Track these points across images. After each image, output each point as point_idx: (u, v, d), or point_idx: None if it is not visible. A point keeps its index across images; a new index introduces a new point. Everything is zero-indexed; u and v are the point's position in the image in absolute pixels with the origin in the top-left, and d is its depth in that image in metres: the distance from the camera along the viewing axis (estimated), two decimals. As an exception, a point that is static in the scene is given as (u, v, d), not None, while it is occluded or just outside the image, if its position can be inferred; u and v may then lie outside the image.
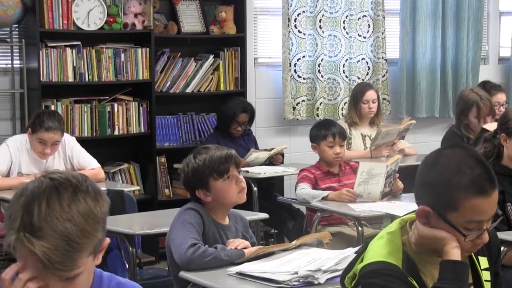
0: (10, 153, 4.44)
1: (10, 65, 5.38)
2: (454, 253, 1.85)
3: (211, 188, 2.95)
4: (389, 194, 4.21)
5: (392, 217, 3.86)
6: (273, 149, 5.63)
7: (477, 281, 1.97)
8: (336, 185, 4.39)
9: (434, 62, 6.91)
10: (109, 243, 1.60)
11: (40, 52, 5.15)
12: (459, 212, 1.84)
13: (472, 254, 1.97)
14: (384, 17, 6.65)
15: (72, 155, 4.57)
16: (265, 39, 6.49)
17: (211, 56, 5.93)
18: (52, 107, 5.19)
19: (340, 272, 2.24)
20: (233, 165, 2.97)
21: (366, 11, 6.60)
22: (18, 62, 5.37)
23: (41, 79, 5.17)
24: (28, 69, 5.27)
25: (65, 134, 4.60)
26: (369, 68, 6.67)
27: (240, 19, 5.99)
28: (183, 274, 2.78)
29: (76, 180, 1.54)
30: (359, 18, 6.58)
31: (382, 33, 6.64)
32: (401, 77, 6.85)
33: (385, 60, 6.69)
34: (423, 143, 6.53)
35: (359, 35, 6.60)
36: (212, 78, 5.95)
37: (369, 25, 6.62)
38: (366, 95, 5.69)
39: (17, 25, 5.30)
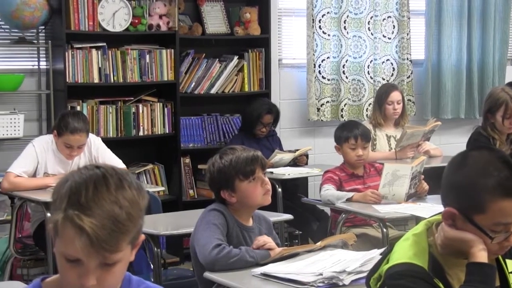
0: (36, 154, 4.47)
1: (36, 67, 5.43)
2: (481, 255, 1.84)
3: (237, 189, 2.95)
4: (414, 196, 4.19)
5: (417, 219, 3.85)
6: (297, 150, 5.62)
7: (504, 284, 1.95)
8: (361, 187, 4.37)
9: (460, 63, 6.86)
10: None
11: (66, 53, 5.19)
12: (486, 214, 1.82)
13: (499, 256, 1.95)
14: (409, 18, 6.61)
15: (97, 155, 4.59)
16: (289, 40, 6.49)
17: (236, 57, 5.93)
18: (78, 108, 5.23)
19: (365, 274, 2.23)
20: (259, 167, 2.96)
21: (391, 12, 6.58)
22: (44, 63, 5.42)
23: (67, 80, 5.21)
24: (54, 70, 5.31)
25: (91, 135, 4.62)
26: (394, 69, 6.65)
27: (264, 20, 5.99)
28: (208, 274, 2.78)
29: (120, 172, 1.59)
30: (384, 19, 6.56)
31: (407, 34, 6.61)
32: (426, 78, 6.81)
33: (410, 61, 6.66)
34: (449, 144, 6.49)
35: (384, 36, 6.58)
36: (236, 79, 5.96)
37: (394, 26, 6.60)
38: (390, 96, 5.66)
39: (43, 27, 5.35)
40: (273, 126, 5.76)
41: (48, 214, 4.18)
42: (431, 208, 3.83)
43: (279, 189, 5.07)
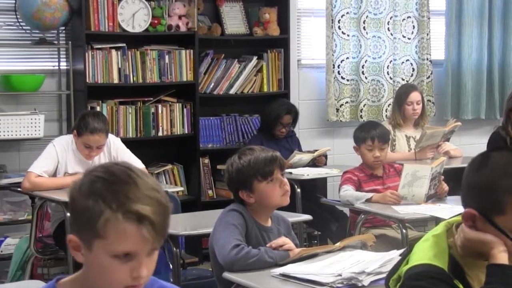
0: (57, 153, 4.49)
1: (57, 67, 5.46)
2: (502, 257, 1.82)
3: (255, 190, 2.94)
4: (434, 197, 4.17)
5: (437, 220, 3.83)
6: (316, 150, 5.62)
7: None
8: (380, 188, 4.35)
9: (480, 63, 6.82)
10: None
11: (86, 54, 5.22)
12: (507, 215, 1.81)
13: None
14: (429, 18, 6.59)
15: (117, 155, 4.61)
16: (308, 40, 6.48)
17: (255, 58, 5.94)
18: (98, 108, 5.25)
19: (384, 275, 2.22)
20: (278, 168, 2.95)
21: (410, 12, 6.55)
22: (64, 64, 5.45)
23: (87, 81, 5.24)
24: (74, 71, 5.34)
25: (110, 135, 4.64)
26: (413, 69, 6.62)
27: (283, 21, 5.99)
28: (227, 275, 2.79)
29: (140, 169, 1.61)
30: (404, 19, 6.54)
31: (427, 34, 6.58)
32: (446, 79, 6.78)
33: (430, 61, 6.63)
34: (469, 145, 6.45)
35: (404, 36, 6.56)
36: (255, 80, 5.96)
37: (413, 26, 6.57)
38: (410, 97, 5.64)
39: (64, 28, 5.38)
40: (292, 126, 5.75)
41: (68, 214, 4.20)
42: (451, 209, 3.82)
43: (298, 190, 5.06)
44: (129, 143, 4.87)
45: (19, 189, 4.59)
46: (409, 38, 6.58)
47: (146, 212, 1.50)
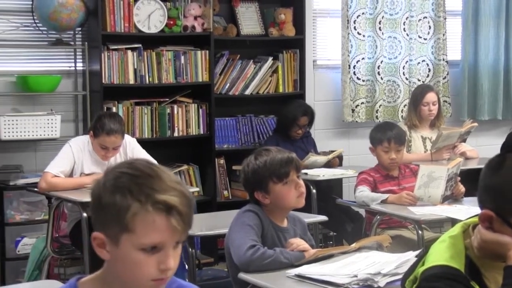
0: (73, 154, 4.51)
1: (73, 68, 5.49)
2: (519, 258, 1.81)
3: (270, 191, 2.94)
4: (450, 198, 4.15)
5: (453, 221, 3.80)
6: (332, 151, 5.61)
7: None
8: (396, 189, 4.34)
9: (497, 63, 6.79)
10: None
11: (102, 54, 5.24)
12: (524, 216, 1.80)
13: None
14: (445, 18, 6.56)
15: (133, 156, 4.62)
16: (324, 41, 6.47)
17: (270, 58, 5.94)
18: (114, 109, 5.27)
19: (400, 276, 2.22)
20: (294, 169, 2.94)
21: (427, 12, 6.53)
22: (81, 64, 5.47)
23: (103, 81, 5.26)
24: (90, 72, 5.36)
25: (126, 135, 4.65)
26: (429, 70, 6.60)
27: (299, 21, 5.99)
28: (242, 275, 2.79)
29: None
30: (420, 19, 6.51)
31: (443, 35, 6.56)
32: (463, 79, 6.75)
33: (446, 62, 6.60)
34: (485, 146, 6.42)
35: (420, 37, 6.54)
36: (271, 80, 5.97)
37: (429, 26, 6.55)
38: (426, 97, 5.61)
39: (80, 28, 5.40)
40: (308, 127, 5.75)
41: (84, 214, 4.22)
42: (467, 210, 3.80)
43: (314, 190, 5.06)
44: (145, 144, 4.88)
45: (35, 189, 4.61)
46: (425, 39, 6.55)
47: (174, 202, 1.53)
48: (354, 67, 6.31)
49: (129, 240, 1.53)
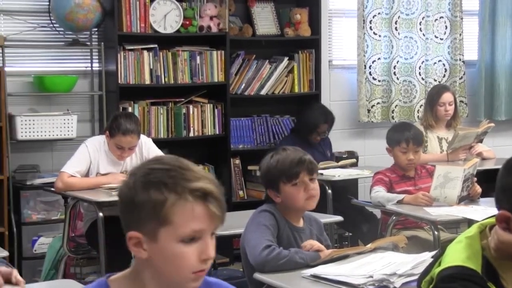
0: (89, 154, 4.52)
1: (89, 68, 5.51)
2: (536, 259, 1.80)
3: (281, 190, 2.93)
4: (467, 199, 4.13)
5: (469, 222, 3.79)
6: (347, 152, 5.60)
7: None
8: (412, 189, 4.32)
9: (514, 63, 6.75)
10: None
11: (118, 55, 5.26)
12: (541, 217, 1.79)
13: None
14: (462, 18, 6.53)
15: (148, 156, 4.62)
16: (340, 41, 6.46)
17: (286, 58, 5.93)
18: (130, 109, 5.29)
19: (416, 277, 2.21)
20: (305, 171, 2.91)
21: (443, 12, 6.50)
22: (97, 65, 5.49)
23: (119, 82, 5.28)
24: (106, 72, 5.38)
25: (142, 135, 4.66)
26: (446, 70, 6.57)
27: (315, 21, 5.98)
28: (258, 275, 2.79)
29: None
30: (436, 19, 6.49)
31: (460, 35, 6.53)
32: (479, 79, 6.72)
33: (463, 62, 6.57)
34: (502, 146, 6.39)
35: (436, 37, 6.51)
36: (286, 80, 5.96)
37: (446, 26, 6.52)
38: (442, 98, 5.59)
39: (96, 29, 5.42)
40: (327, 133, 5.72)
41: (100, 214, 4.23)
42: (484, 211, 3.77)
43: (329, 191, 5.04)
44: (161, 144, 4.89)
45: (52, 189, 4.63)
46: (441, 39, 6.53)
47: (210, 188, 1.54)
48: (370, 67, 6.30)
49: (168, 233, 1.53)
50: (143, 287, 1.59)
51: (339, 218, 4.01)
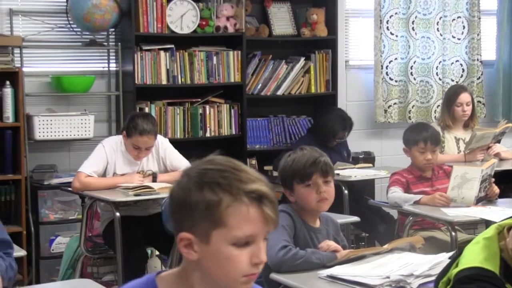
0: (106, 154, 4.54)
1: (106, 68, 5.53)
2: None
3: (294, 190, 2.93)
4: (484, 199, 4.11)
5: (487, 223, 3.77)
6: (364, 152, 5.58)
7: None
8: (429, 190, 4.30)
9: (533, 63, 6.71)
10: None
11: (135, 55, 5.27)
12: (560, 218, 1.78)
13: None
14: (479, 18, 6.50)
15: (165, 156, 4.64)
16: (356, 41, 6.45)
17: (302, 59, 5.93)
18: (146, 109, 5.30)
19: (433, 278, 2.20)
20: (318, 173, 2.89)
21: (461, 12, 6.48)
22: (114, 65, 5.52)
23: (136, 82, 5.29)
24: (123, 72, 5.40)
25: (158, 136, 4.67)
26: (463, 70, 6.54)
27: (331, 22, 5.97)
28: (274, 276, 2.78)
29: None
30: (454, 19, 6.46)
31: (478, 35, 6.49)
32: (498, 79, 6.68)
33: (481, 62, 6.54)
34: (520, 147, 6.34)
35: (453, 37, 6.48)
36: (303, 81, 5.96)
37: (464, 26, 6.49)
38: (460, 98, 5.56)
39: (113, 29, 5.44)
40: (345, 137, 5.69)
41: (117, 214, 4.25)
42: (502, 211, 3.76)
43: (345, 191, 5.03)
44: (177, 144, 4.90)
45: (69, 188, 4.65)
46: (459, 39, 6.50)
47: (265, 190, 1.51)
48: (386, 67, 6.28)
49: (221, 235, 1.50)
50: (191, 287, 1.57)
51: (355, 218, 4.00)
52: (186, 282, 1.57)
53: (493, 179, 4.16)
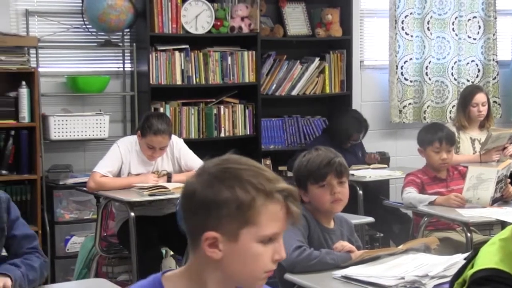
0: (121, 154, 4.55)
1: (121, 69, 5.55)
2: None
3: (308, 190, 2.92)
4: (500, 200, 4.09)
5: (502, 224, 3.76)
6: (379, 152, 5.57)
7: None
8: (444, 191, 4.29)
9: (549, 63, 6.67)
10: None
11: (150, 55, 5.29)
12: None
13: None
14: (495, 18, 6.47)
15: (179, 156, 4.65)
16: (371, 41, 6.43)
17: (317, 59, 5.92)
18: (161, 110, 5.31)
19: (448, 279, 2.19)
20: (333, 174, 2.88)
21: (476, 12, 6.45)
22: (129, 65, 5.53)
23: (151, 82, 5.31)
24: (138, 72, 5.41)
25: (173, 136, 4.68)
26: (479, 70, 6.51)
27: (346, 22, 5.96)
28: (288, 276, 2.78)
29: None
30: (469, 19, 6.43)
31: (493, 34, 6.46)
32: (514, 80, 6.65)
33: (496, 62, 6.51)
34: (536, 147, 6.30)
35: (469, 37, 6.46)
36: (317, 81, 5.95)
37: (479, 26, 6.46)
38: (475, 98, 5.54)
39: (128, 30, 5.46)
40: (360, 139, 5.67)
41: (132, 214, 4.26)
42: (518, 213, 3.74)
43: (360, 192, 5.02)
44: (192, 144, 4.91)
45: (84, 188, 4.67)
46: (474, 39, 6.47)
47: (293, 188, 1.55)
48: (401, 67, 6.26)
49: (250, 233, 1.50)
50: (202, 287, 1.56)
51: (370, 219, 3.99)
52: (197, 281, 1.56)
53: (508, 180, 4.14)
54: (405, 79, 6.28)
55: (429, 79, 6.34)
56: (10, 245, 2.67)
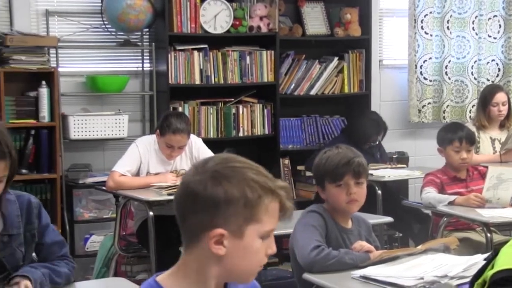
0: (140, 154, 4.57)
1: (140, 68, 5.57)
2: None
3: (326, 189, 2.92)
4: (520, 200, 4.06)
5: (523, 224, 3.73)
6: (398, 152, 5.54)
7: None
8: (463, 191, 4.26)
9: None
10: None
11: (169, 55, 5.30)
12: None
13: None
14: (516, 17, 6.43)
15: (198, 156, 4.66)
16: (390, 40, 6.41)
17: (336, 58, 5.91)
18: (180, 109, 5.33)
19: (468, 279, 2.18)
20: (350, 174, 2.86)
21: (497, 11, 6.41)
22: (148, 65, 5.55)
23: (170, 82, 5.32)
24: (157, 72, 5.43)
25: (192, 135, 4.69)
26: (499, 69, 6.47)
27: (365, 21, 5.94)
28: (307, 276, 2.78)
29: None
30: (490, 18, 6.39)
31: (514, 34, 6.42)
32: (534, 79, 6.59)
33: (517, 61, 6.46)
34: (557, 147, 6.24)
35: (489, 36, 6.42)
36: (336, 81, 5.94)
37: (500, 25, 6.42)
38: (495, 98, 5.51)
39: (147, 29, 5.48)
40: (379, 141, 5.64)
41: (151, 213, 4.27)
42: (538, 213, 3.71)
43: (379, 191, 5.00)
44: (210, 143, 4.91)
45: (103, 187, 4.69)
46: (494, 38, 6.43)
47: (288, 186, 1.62)
48: (421, 67, 6.23)
49: (254, 229, 1.55)
50: (203, 283, 1.58)
51: (389, 219, 3.97)
52: (195, 278, 1.58)
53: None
54: (425, 78, 6.25)
55: (449, 78, 6.31)
56: (40, 251, 2.66)
